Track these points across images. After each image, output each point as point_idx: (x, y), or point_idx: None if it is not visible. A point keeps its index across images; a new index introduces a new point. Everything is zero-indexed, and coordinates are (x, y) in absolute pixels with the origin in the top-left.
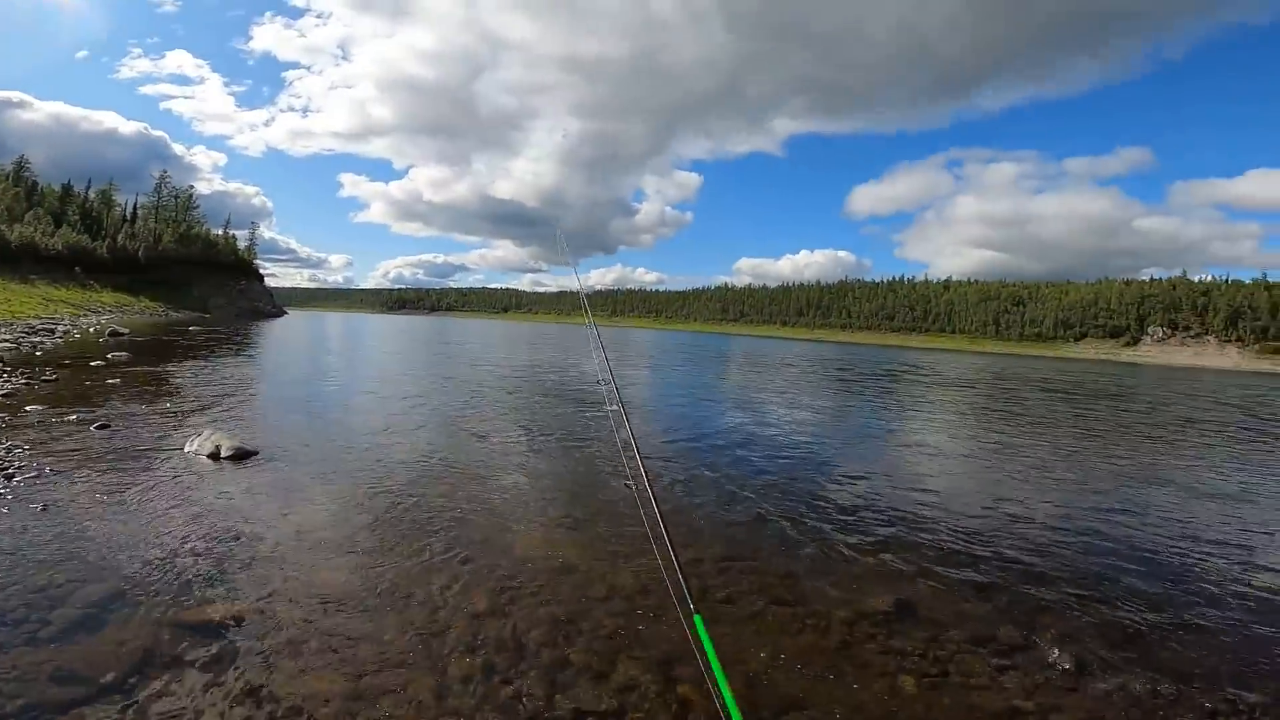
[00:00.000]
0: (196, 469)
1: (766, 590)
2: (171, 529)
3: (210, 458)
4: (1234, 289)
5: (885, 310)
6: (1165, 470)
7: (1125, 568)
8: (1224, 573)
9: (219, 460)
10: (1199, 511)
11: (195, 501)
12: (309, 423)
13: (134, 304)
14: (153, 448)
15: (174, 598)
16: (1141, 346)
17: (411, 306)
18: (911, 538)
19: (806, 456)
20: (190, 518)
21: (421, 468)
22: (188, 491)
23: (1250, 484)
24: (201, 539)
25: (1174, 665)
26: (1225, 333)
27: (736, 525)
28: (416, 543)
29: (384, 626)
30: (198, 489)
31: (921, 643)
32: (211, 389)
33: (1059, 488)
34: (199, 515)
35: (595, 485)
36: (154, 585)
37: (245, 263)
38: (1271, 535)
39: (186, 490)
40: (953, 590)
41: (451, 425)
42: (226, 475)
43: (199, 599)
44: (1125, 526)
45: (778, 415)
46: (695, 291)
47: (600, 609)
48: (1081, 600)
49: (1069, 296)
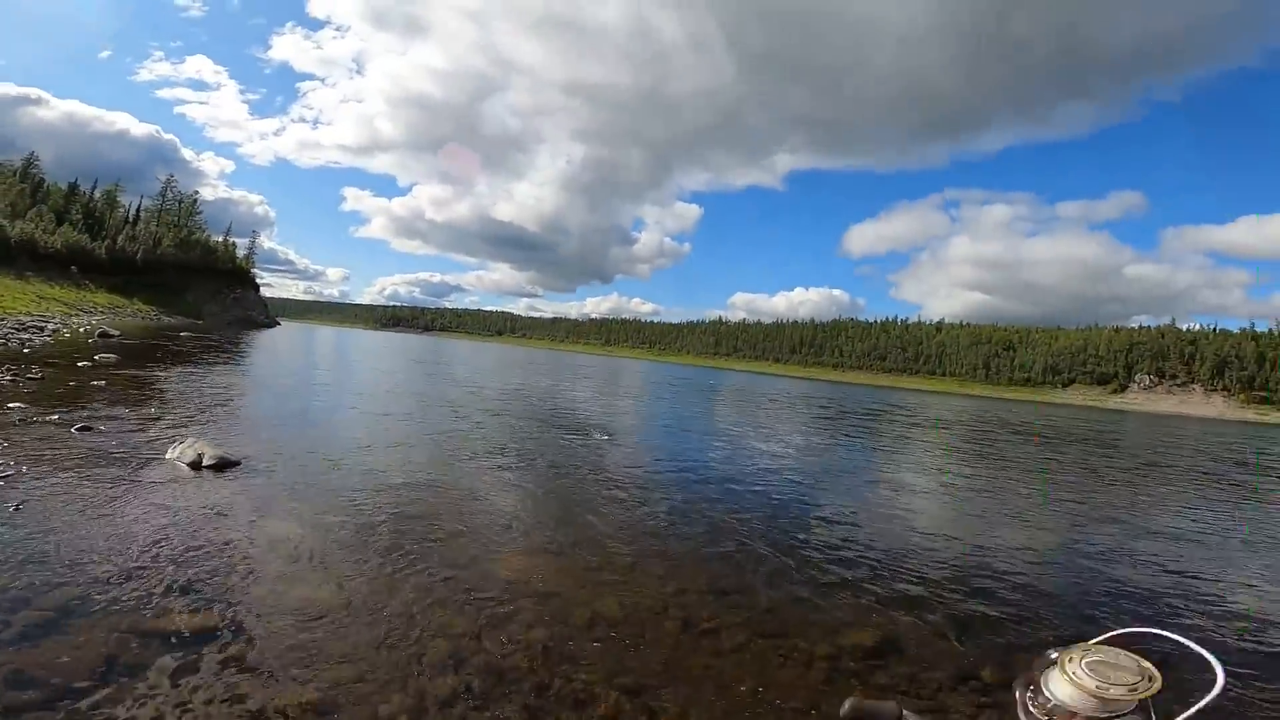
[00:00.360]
0: (177, 476)
1: (750, 623)
2: (146, 536)
3: (191, 466)
4: (1221, 338)
5: (877, 350)
6: (1140, 513)
7: (1104, 606)
8: (1199, 611)
9: (200, 469)
10: (1173, 552)
11: (173, 509)
12: (295, 436)
13: (127, 306)
14: (134, 453)
15: (141, 605)
16: (1128, 394)
17: (405, 324)
18: (894, 574)
19: (792, 491)
20: (167, 526)
21: (406, 487)
22: (166, 499)
23: (1212, 526)
24: (176, 548)
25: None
26: (1211, 382)
27: (722, 557)
28: (396, 562)
29: (359, 643)
30: (176, 497)
31: (904, 679)
32: (198, 397)
33: (1036, 528)
34: (176, 524)
35: (581, 512)
36: (122, 592)
37: (243, 271)
38: (1235, 577)
39: (165, 498)
40: (934, 628)
41: (438, 446)
42: (207, 485)
43: (167, 608)
44: (1102, 566)
45: (765, 450)
46: (689, 324)
47: (583, 637)
48: (1063, 639)
49: (1058, 342)
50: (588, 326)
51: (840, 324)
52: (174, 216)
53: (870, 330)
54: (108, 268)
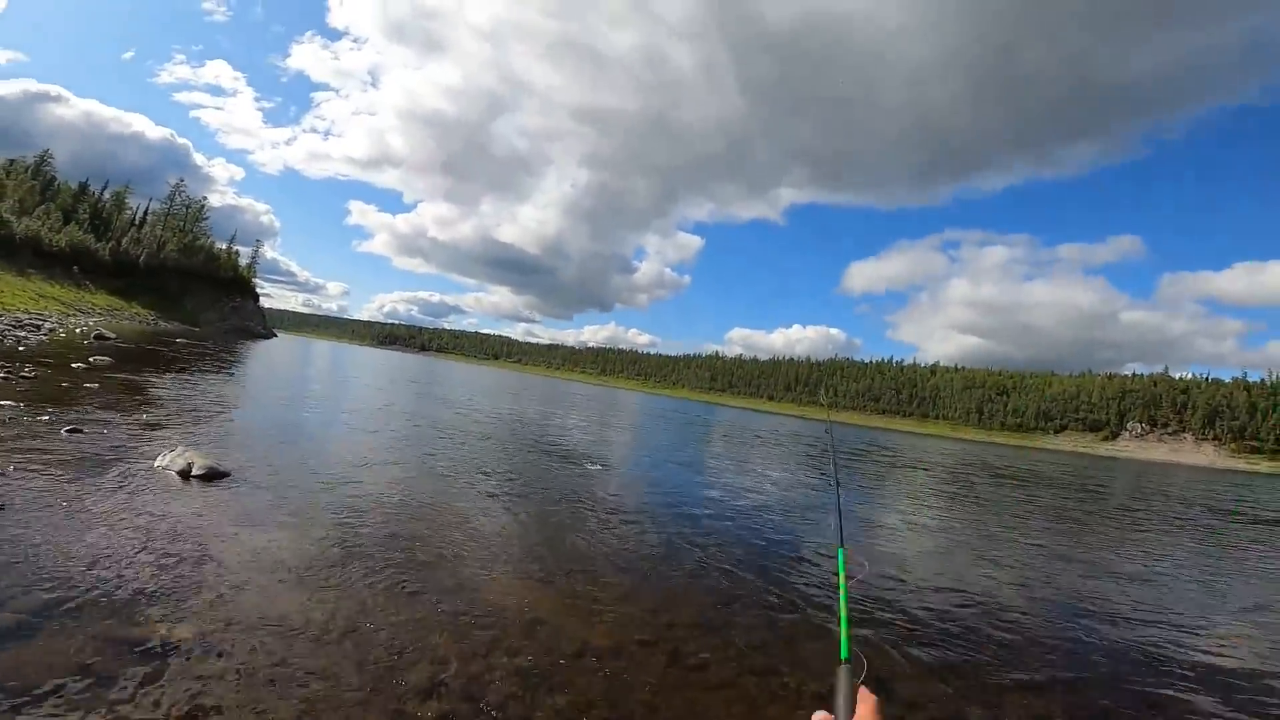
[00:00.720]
0: (165, 485)
1: (739, 658)
2: (130, 543)
3: (180, 475)
4: (1213, 388)
5: (872, 391)
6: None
7: (1090, 651)
8: (1182, 658)
9: (189, 479)
10: (1158, 597)
11: (159, 518)
12: (286, 450)
13: (125, 309)
14: (123, 458)
15: (119, 613)
16: (1120, 441)
17: (402, 343)
18: (885, 613)
19: (780, 528)
20: (152, 534)
21: (395, 507)
22: (153, 507)
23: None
24: (160, 556)
25: None
26: (1203, 431)
27: (711, 591)
28: (381, 582)
29: (340, 662)
30: (163, 505)
31: (889, 719)
32: (190, 405)
33: (1022, 572)
34: (162, 532)
35: (572, 541)
36: (101, 598)
37: (244, 280)
38: (1215, 618)
39: (151, 505)
40: (924, 667)
41: (430, 468)
42: (195, 494)
43: (145, 617)
44: (1087, 609)
45: (754, 486)
46: (686, 358)
47: (570, 666)
48: (1047, 684)
49: (1052, 388)
50: (584, 355)
51: (836, 363)
52: (180, 221)
53: (865, 371)
54: (109, 269)
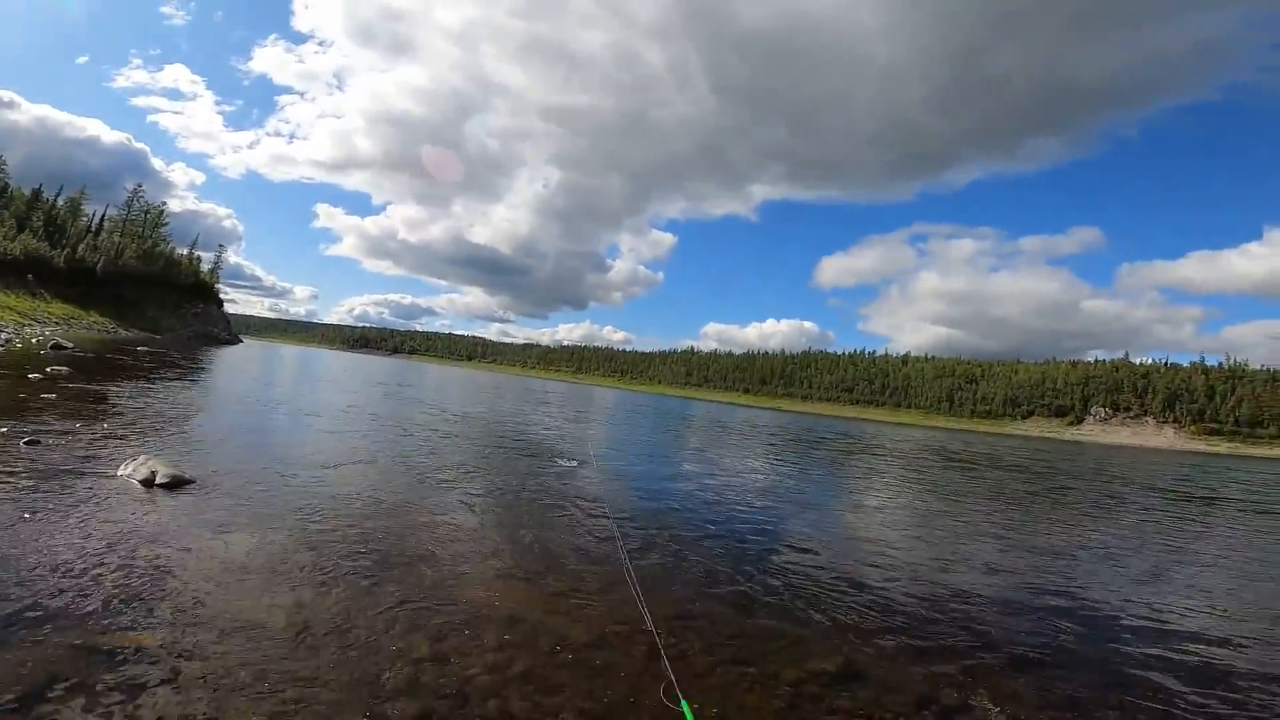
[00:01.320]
0: (128, 494)
1: (716, 649)
2: (94, 553)
3: (144, 484)
4: (1172, 372)
5: (845, 383)
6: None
7: (1059, 631)
8: (1146, 635)
9: (152, 487)
10: (1123, 578)
11: (123, 527)
12: (252, 455)
13: (83, 318)
14: (83, 468)
15: (86, 622)
16: (1084, 426)
17: (374, 346)
18: (859, 600)
19: (757, 519)
20: (116, 543)
21: (367, 510)
22: (116, 516)
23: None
24: (126, 565)
25: None
26: (1163, 414)
27: (688, 582)
28: (356, 583)
29: (316, 664)
30: (127, 514)
31: (865, 704)
32: (152, 413)
33: (991, 556)
34: (126, 541)
35: (548, 537)
36: (67, 608)
37: (206, 286)
38: (1175, 598)
39: (114, 515)
40: (898, 652)
41: (401, 469)
42: (159, 503)
43: (113, 625)
44: (1055, 592)
45: (731, 479)
46: (662, 354)
47: (549, 661)
48: (1019, 662)
49: (1018, 375)
50: (560, 353)
51: (810, 356)
52: (139, 227)
53: (839, 363)
54: (65, 278)
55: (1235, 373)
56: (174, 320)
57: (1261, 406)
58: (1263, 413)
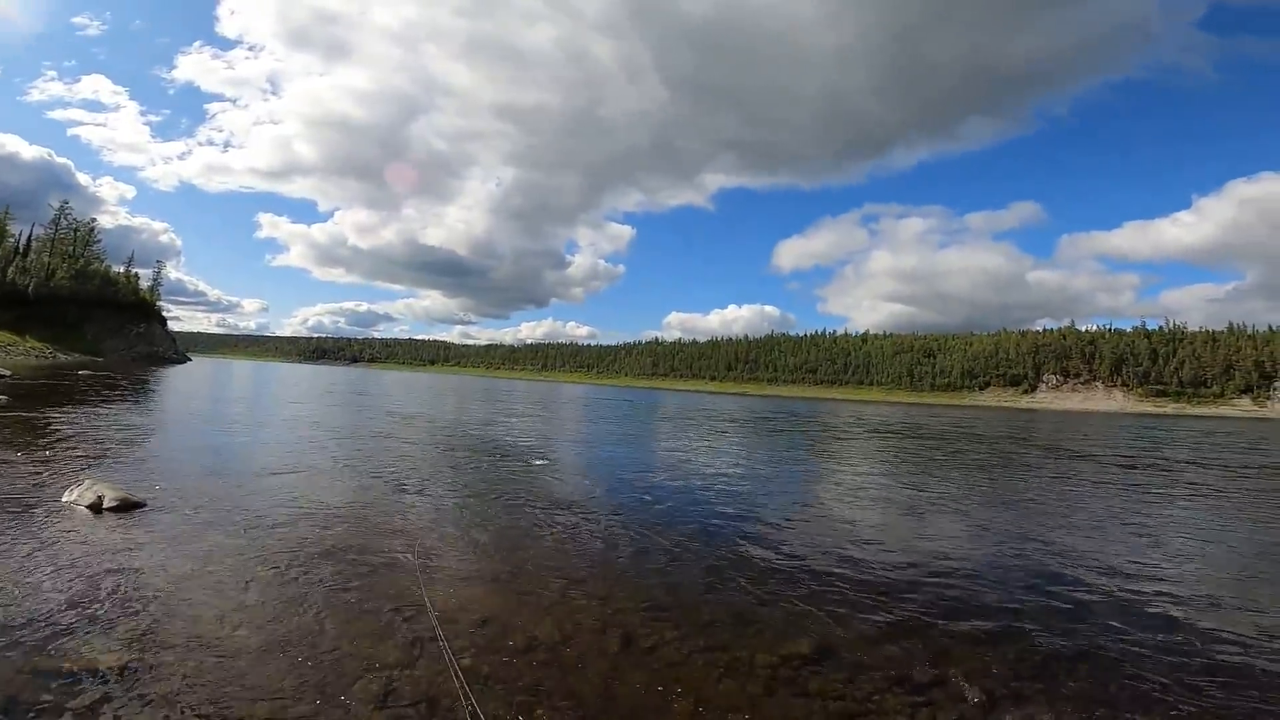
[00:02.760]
0: (75, 519)
1: (689, 637)
2: (46, 579)
3: (91, 508)
4: (1116, 337)
5: (809, 364)
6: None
7: (1026, 602)
8: (1112, 600)
9: (101, 512)
10: (1079, 546)
11: (72, 552)
12: (203, 474)
13: (19, 344)
14: (27, 497)
15: (44, 646)
16: (1038, 394)
17: (331, 356)
18: (830, 581)
19: (726, 505)
20: (66, 568)
21: (327, 521)
22: (65, 542)
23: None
24: (79, 590)
25: (1078, 693)
26: (1111, 378)
27: (659, 574)
28: (318, 595)
29: (283, 678)
30: (77, 540)
31: (840, 684)
32: (97, 438)
33: (959, 529)
34: (76, 566)
35: (515, 539)
36: (23, 633)
37: (147, 304)
38: (1140, 561)
39: (63, 541)
40: (868, 632)
41: (359, 479)
42: (109, 526)
43: (70, 647)
44: (1021, 562)
45: (694, 466)
46: (626, 346)
47: (520, 661)
48: (989, 635)
49: (973, 348)
50: (523, 352)
51: (773, 339)
52: (69, 246)
53: (801, 344)
54: None
55: (1176, 335)
56: (116, 341)
57: (1203, 366)
58: (1204, 372)
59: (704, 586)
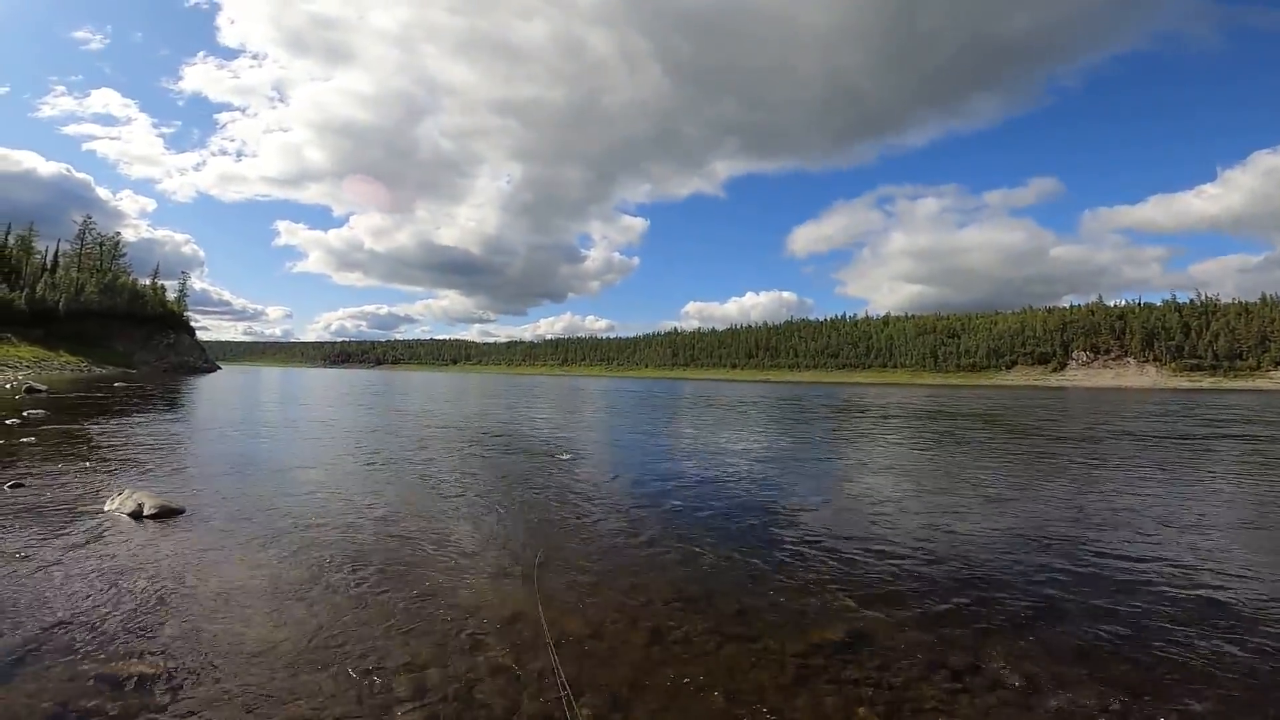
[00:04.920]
0: (118, 527)
1: (720, 628)
2: (89, 586)
3: (132, 516)
4: (1147, 311)
5: (830, 348)
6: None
7: (1066, 584)
8: (1155, 582)
9: (141, 519)
10: (1119, 526)
11: (115, 559)
12: (239, 480)
13: (53, 359)
14: (71, 506)
15: (91, 653)
16: (1068, 371)
17: (355, 360)
18: (861, 568)
19: (752, 494)
20: (110, 575)
21: (357, 521)
22: (108, 549)
23: (1165, 499)
24: (122, 596)
25: (1122, 679)
26: (1143, 354)
27: (688, 565)
28: (354, 597)
29: (321, 679)
30: (119, 547)
31: (874, 672)
32: (135, 447)
33: (992, 513)
34: (120, 573)
35: (544, 534)
36: (71, 640)
37: (174, 315)
38: (1184, 543)
39: (106, 548)
40: (903, 618)
41: (390, 479)
42: (150, 533)
43: (118, 654)
44: (1059, 544)
45: (723, 455)
46: (645, 338)
47: (552, 655)
48: (1027, 620)
49: (998, 327)
50: (543, 348)
51: (792, 325)
52: (96, 260)
53: (821, 329)
54: (28, 319)
55: (1209, 308)
56: (146, 353)
57: (1237, 339)
58: (1239, 345)
59: (732, 576)
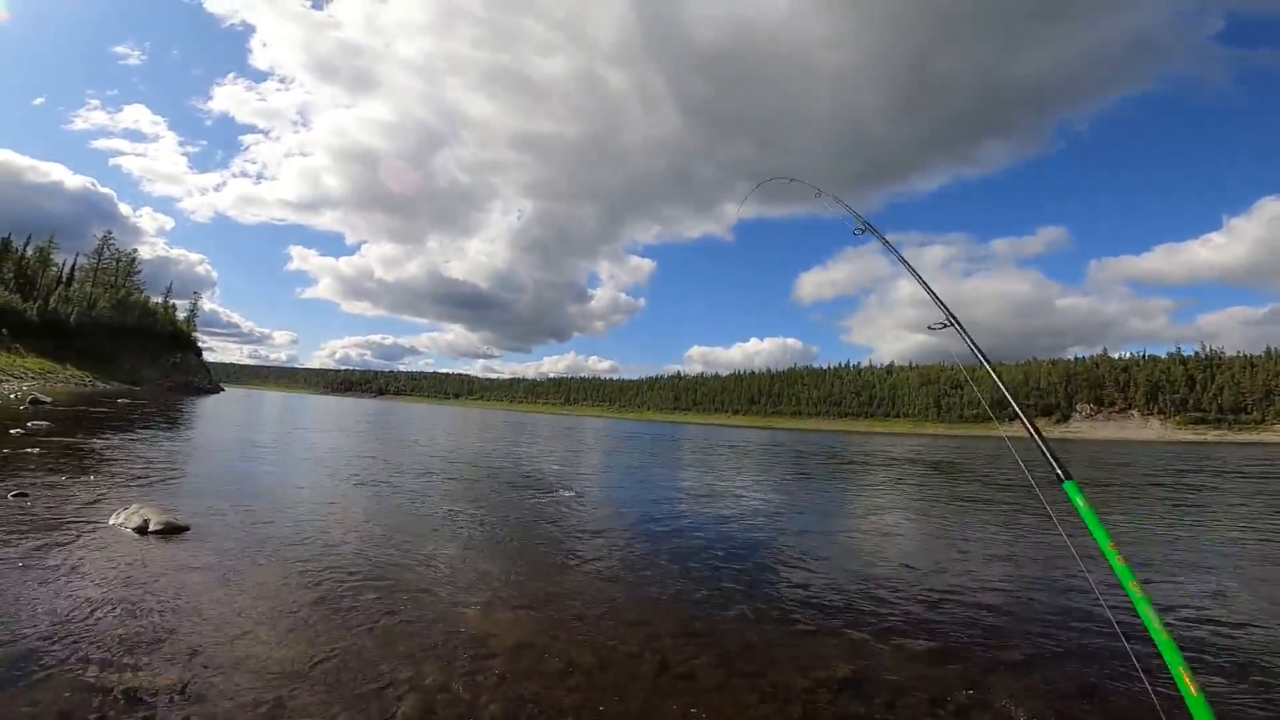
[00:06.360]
0: (122, 541)
1: (727, 663)
2: (92, 599)
3: (137, 531)
4: (1151, 364)
5: (833, 396)
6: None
7: (1072, 626)
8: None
9: (146, 534)
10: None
11: (120, 573)
12: (244, 500)
13: (59, 371)
14: (75, 520)
15: (95, 665)
16: (1072, 423)
17: (358, 389)
18: (866, 607)
19: (758, 534)
20: (114, 589)
21: (365, 547)
22: (112, 563)
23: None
24: (128, 610)
25: (1124, 713)
26: (1147, 406)
27: (694, 601)
28: (360, 620)
29: (327, 698)
30: (123, 561)
31: (880, 708)
32: (139, 463)
33: (997, 555)
34: (124, 586)
35: (550, 566)
36: (74, 652)
37: (183, 335)
38: (1188, 586)
39: (111, 562)
40: (908, 655)
41: (394, 507)
42: (155, 549)
43: (121, 667)
44: (1060, 587)
45: (730, 497)
46: (649, 380)
47: (558, 685)
48: (1031, 659)
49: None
50: (546, 386)
51: (796, 372)
52: (111, 276)
53: (825, 377)
54: (39, 330)
55: (1213, 361)
56: (153, 371)
57: (1241, 392)
58: (1244, 398)
59: (738, 612)
